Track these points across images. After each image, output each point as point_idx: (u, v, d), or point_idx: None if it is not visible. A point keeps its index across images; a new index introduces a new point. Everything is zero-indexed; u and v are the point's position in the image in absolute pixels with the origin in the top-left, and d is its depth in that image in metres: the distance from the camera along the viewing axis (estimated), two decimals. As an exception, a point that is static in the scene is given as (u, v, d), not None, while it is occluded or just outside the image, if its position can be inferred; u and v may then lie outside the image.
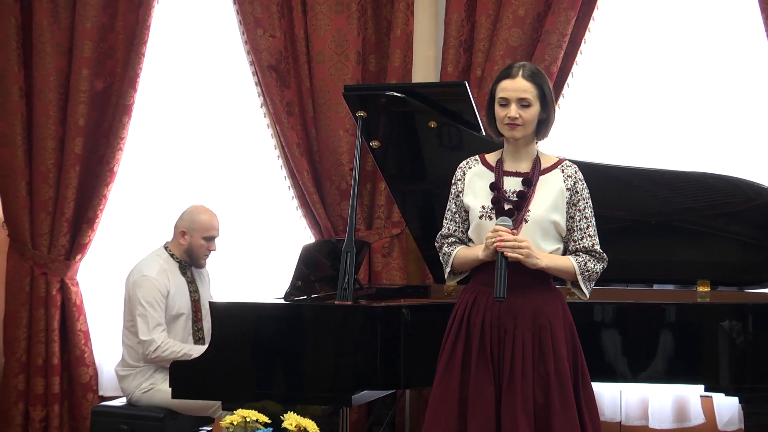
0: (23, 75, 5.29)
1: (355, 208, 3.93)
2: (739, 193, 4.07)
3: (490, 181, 3.31)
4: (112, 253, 5.42)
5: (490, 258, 3.21)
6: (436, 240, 3.42)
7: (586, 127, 4.88)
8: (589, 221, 3.30)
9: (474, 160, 3.39)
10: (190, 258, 4.58)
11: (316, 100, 5.02)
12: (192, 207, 4.65)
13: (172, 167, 5.39)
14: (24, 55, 5.29)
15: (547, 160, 3.34)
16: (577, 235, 3.29)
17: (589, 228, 3.29)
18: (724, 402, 4.59)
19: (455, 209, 3.38)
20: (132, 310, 4.45)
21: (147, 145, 5.40)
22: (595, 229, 3.30)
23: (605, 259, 3.32)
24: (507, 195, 3.27)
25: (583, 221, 3.29)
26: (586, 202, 3.31)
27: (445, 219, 3.40)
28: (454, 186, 3.39)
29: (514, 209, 3.24)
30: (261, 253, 5.25)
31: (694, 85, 4.77)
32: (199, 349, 4.22)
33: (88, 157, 5.26)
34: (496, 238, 3.16)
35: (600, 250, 3.30)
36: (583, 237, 3.29)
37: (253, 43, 5.03)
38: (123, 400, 4.58)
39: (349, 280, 3.77)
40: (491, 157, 3.37)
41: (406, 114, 4.17)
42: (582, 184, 3.31)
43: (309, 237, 5.08)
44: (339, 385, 3.69)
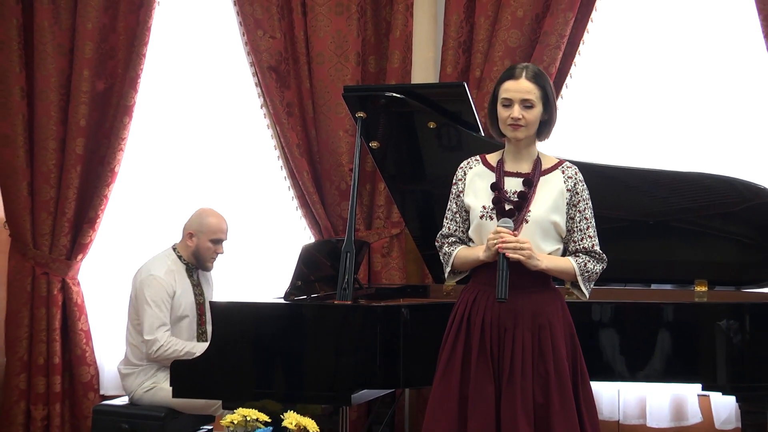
0: (25, 76, 5.30)
1: (354, 209, 3.94)
2: (735, 193, 4.07)
3: (490, 181, 3.31)
4: (113, 253, 5.43)
5: (491, 259, 3.22)
6: (437, 239, 3.43)
7: (584, 127, 4.88)
8: (589, 222, 3.31)
9: (475, 161, 3.40)
10: (197, 260, 4.58)
11: (315, 100, 5.03)
12: (201, 209, 4.64)
13: (173, 167, 5.39)
14: (25, 56, 5.30)
15: (547, 161, 3.35)
16: (577, 236, 3.30)
17: (588, 229, 3.30)
18: (721, 401, 4.59)
19: (456, 209, 3.38)
20: (138, 308, 4.45)
21: (148, 145, 5.41)
22: (594, 230, 3.31)
23: (605, 259, 3.33)
24: (508, 195, 3.28)
25: (583, 222, 3.30)
26: (586, 203, 3.32)
27: (446, 219, 3.41)
28: (455, 186, 3.39)
29: (514, 209, 3.25)
30: (261, 252, 5.25)
31: (692, 85, 4.78)
32: (202, 347, 4.20)
33: (89, 157, 5.28)
34: (497, 239, 3.17)
35: (600, 251, 3.31)
36: (583, 238, 3.30)
37: (254, 44, 5.04)
38: (124, 399, 4.59)
39: (349, 279, 3.77)
40: (492, 158, 3.38)
41: (406, 115, 4.18)
42: (582, 185, 3.32)
43: (309, 237, 5.09)
44: (339, 384, 3.70)
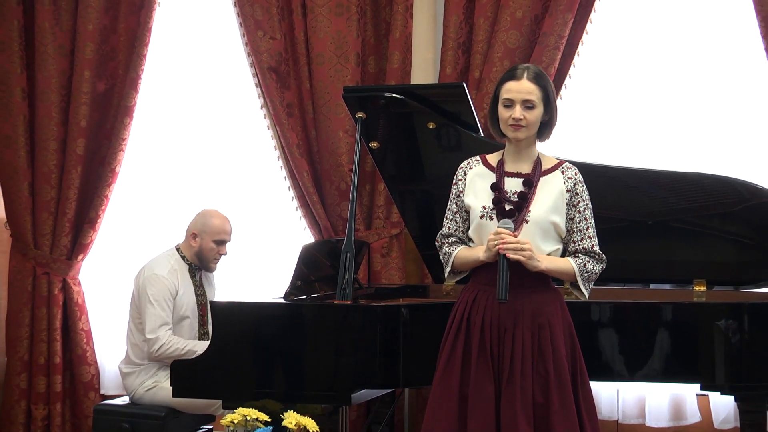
0: (26, 77, 5.31)
1: (354, 209, 3.94)
2: (734, 193, 4.08)
3: (491, 181, 3.31)
4: (113, 253, 5.44)
5: (491, 260, 3.22)
6: (437, 239, 3.43)
7: (583, 128, 4.89)
8: (589, 223, 3.32)
9: (475, 161, 3.40)
10: (200, 261, 4.58)
11: (315, 101, 5.04)
12: (205, 210, 4.63)
13: (174, 168, 5.41)
14: (26, 58, 5.32)
15: (547, 161, 3.35)
16: (577, 237, 3.31)
17: (588, 229, 3.31)
18: (720, 400, 4.59)
19: (456, 209, 3.38)
20: (140, 306, 4.45)
21: (148, 146, 5.42)
22: (594, 231, 3.32)
23: (604, 260, 3.34)
24: (508, 195, 3.28)
25: (583, 223, 3.31)
26: (586, 204, 3.32)
27: (446, 218, 3.41)
28: (455, 186, 3.39)
29: (514, 210, 3.25)
30: (261, 252, 5.26)
31: (691, 86, 4.79)
32: (203, 345, 4.18)
33: (89, 157, 5.29)
34: (498, 240, 3.17)
35: (599, 251, 3.32)
36: (582, 238, 3.30)
37: (254, 45, 5.05)
38: (125, 398, 4.59)
39: (349, 279, 3.78)
40: (492, 158, 3.38)
41: (405, 115, 4.18)
42: (582, 186, 3.32)
43: (309, 237, 5.10)
44: (338, 383, 3.70)
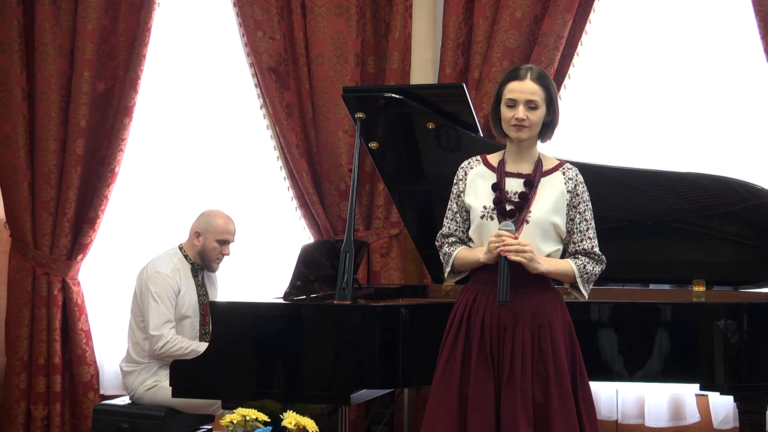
0: (25, 77, 5.31)
1: (353, 209, 3.94)
2: (733, 193, 4.08)
3: (491, 181, 3.31)
4: (113, 253, 5.45)
5: (492, 262, 3.22)
6: (437, 239, 3.43)
7: (582, 128, 4.89)
8: (589, 224, 3.32)
9: (476, 161, 3.40)
10: (203, 260, 4.58)
11: (315, 101, 5.05)
12: (209, 210, 4.64)
13: (173, 168, 5.41)
14: (26, 58, 5.32)
15: (548, 162, 3.35)
16: (577, 237, 3.31)
17: (588, 230, 3.31)
18: (719, 400, 4.60)
19: (456, 209, 3.38)
20: (143, 304, 4.45)
21: (148, 146, 5.43)
22: (594, 232, 3.32)
23: (604, 261, 3.34)
24: (509, 196, 3.28)
25: (583, 224, 3.31)
26: (587, 205, 3.32)
27: (446, 218, 3.41)
28: (456, 186, 3.39)
29: (515, 210, 3.25)
30: (261, 253, 5.26)
31: (689, 86, 4.79)
32: (206, 346, 4.19)
33: (89, 157, 5.29)
34: (499, 242, 3.17)
35: (599, 252, 3.32)
36: (582, 239, 3.30)
37: (253, 45, 5.05)
38: (124, 398, 4.59)
39: (348, 279, 3.77)
40: (493, 158, 3.38)
41: (405, 115, 4.19)
42: (582, 186, 3.32)
43: (308, 237, 5.10)
44: (338, 383, 3.70)
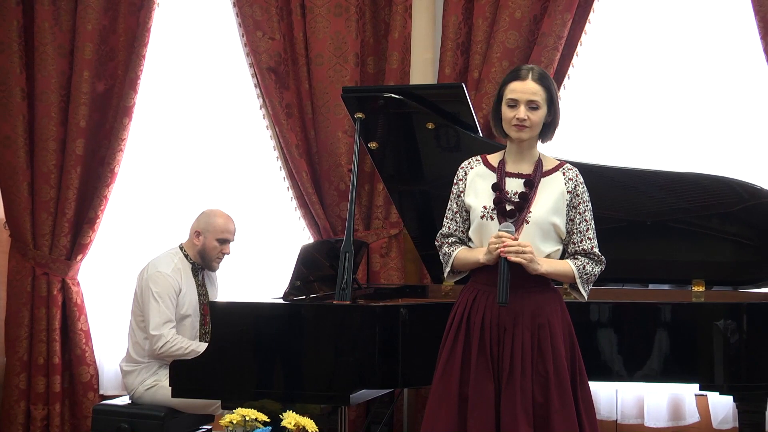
0: (25, 77, 5.31)
1: (353, 209, 3.94)
2: (732, 193, 4.09)
3: (491, 181, 3.31)
4: (112, 253, 5.45)
5: (491, 263, 3.22)
6: (437, 239, 3.43)
7: (582, 128, 4.89)
8: (589, 224, 3.32)
9: (476, 161, 3.40)
10: (203, 260, 4.58)
11: (314, 101, 5.05)
12: (209, 209, 4.64)
13: (173, 168, 5.41)
14: (26, 58, 5.32)
15: (548, 162, 3.35)
16: (577, 238, 3.31)
17: (588, 231, 3.31)
18: (718, 400, 4.60)
19: (456, 209, 3.38)
20: (143, 304, 4.45)
21: (148, 146, 5.42)
22: (594, 232, 3.32)
23: (603, 261, 3.34)
24: (509, 196, 3.28)
25: (583, 224, 3.31)
26: (586, 206, 3.32)
27: (446, 218, 3.41)
28: (456, 186, 3.39)
29: (515, 210, 3.26)
30: (260, 253, 5.26)
31: (689, 86, 4.80)
32: (206, 346, 4.19)
33: (89, 158, 5.29)
34: (499, 243, 3.17)
35: (598, 253, 3.32)
36: (582, 240, 3.30)
37: (253, 45, 5.05)
38: (124, 398, 4.59)
39: (348, 279, 3.78)
40: (493, 158, 3.38)
41: (404, 115, 4.19)
42: (582, 187, 3.33)
43: (308, 237, 5.10)
44: (337, 384, 3.70)
